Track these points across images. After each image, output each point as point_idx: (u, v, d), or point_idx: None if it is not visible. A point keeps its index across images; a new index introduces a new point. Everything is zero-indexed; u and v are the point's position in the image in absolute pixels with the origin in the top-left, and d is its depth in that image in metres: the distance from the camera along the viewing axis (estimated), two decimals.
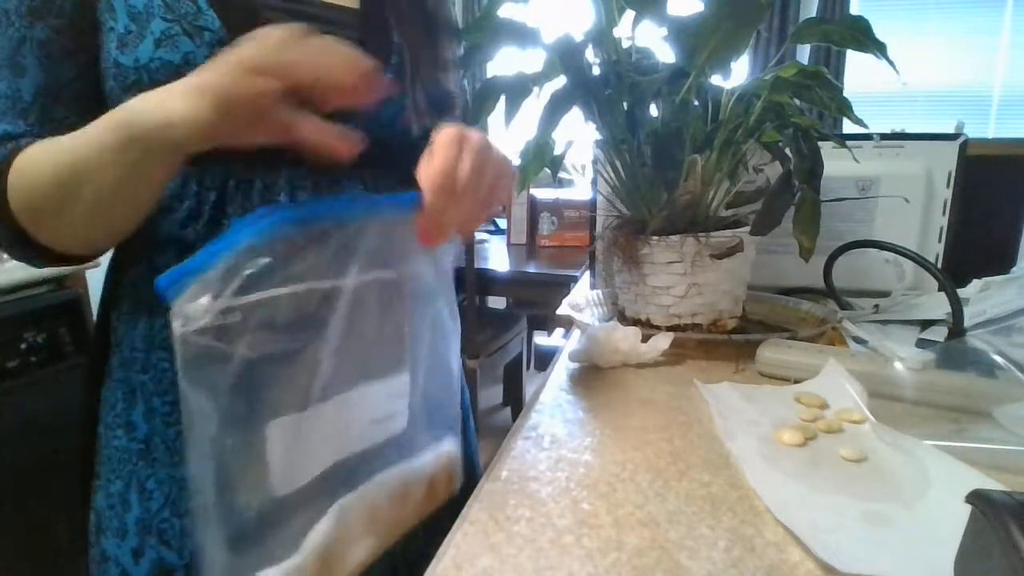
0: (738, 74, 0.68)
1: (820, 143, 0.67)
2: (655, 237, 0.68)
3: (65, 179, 0.45)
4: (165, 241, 0.53)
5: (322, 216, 0.41)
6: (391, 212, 0.46)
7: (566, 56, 0.67)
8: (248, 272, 0.37)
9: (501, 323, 2.29)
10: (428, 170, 0.42)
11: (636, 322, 0.73)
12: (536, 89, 0.70)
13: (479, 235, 2.40)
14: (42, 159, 0.46)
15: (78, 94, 0.51)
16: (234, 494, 0.38)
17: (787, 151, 0.68)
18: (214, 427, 0.38)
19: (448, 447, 0.53)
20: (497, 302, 3.02)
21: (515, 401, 2.62)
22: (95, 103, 0.51)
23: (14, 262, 1.23)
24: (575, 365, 0.67)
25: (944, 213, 0.88)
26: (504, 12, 0.69)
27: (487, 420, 2.67)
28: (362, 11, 0.59)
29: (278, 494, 0.40)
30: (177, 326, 0.37)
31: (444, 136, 0.43)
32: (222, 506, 0.38)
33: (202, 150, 0.42)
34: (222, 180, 0.53)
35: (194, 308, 0.37)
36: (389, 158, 0.63)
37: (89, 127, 0.45)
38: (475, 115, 0.72)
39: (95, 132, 0.44)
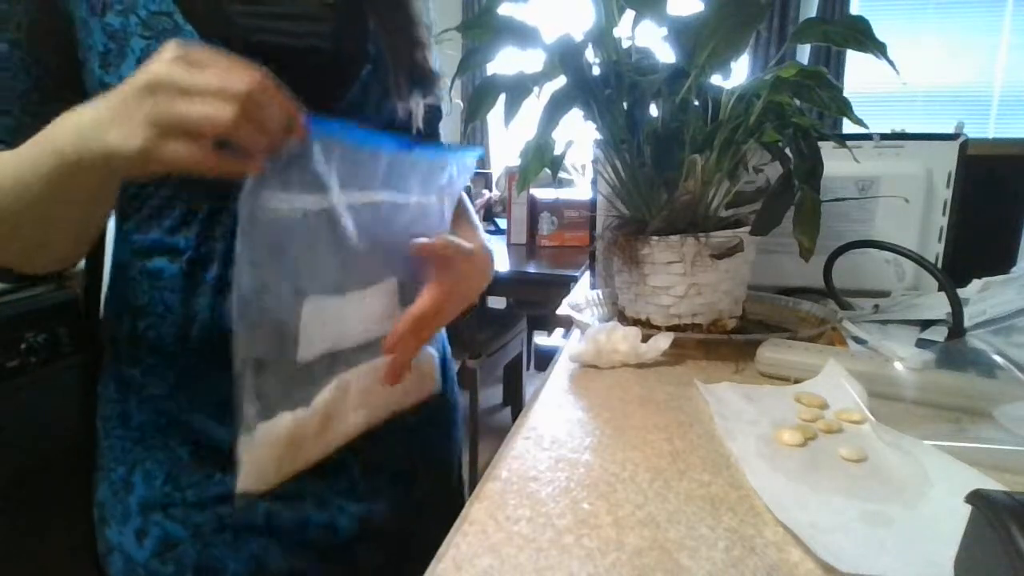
0: (738, 74, 0.68)
1: (820, 143, 0.67)
2: (655, 237, 0.68)
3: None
4: (152, 247, 0.53)
5: (378, 142, 0.51)
6: (427, 155, 0.57)
7: (566, 56, 0.67)
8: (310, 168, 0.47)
9: (501, 323, 2.29)
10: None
11: (636, 322, 0.73)
12: (536, 89, 0.70)
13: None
14: None
15: (26, 107, 0.50)
16: (268, 355, 0.48)
17: (787, 151, 0.68)
18: (265, 295, 0.47)
19: (429, 351, 0.64)
20: (497, 302, 3.02)
21: (515, 401, 2.62)
22: (41, 117, 0.50)
23: None
24: (575, 365, 0.67)
25: (944, 213, 0.88)
26: (503, 11, 0.69)
27: (487, 420, 2.67)
28: (337, 4, 0.58)
29: (300, 360, 0.50)
30: (244, 213, 0.44)
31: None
32: (257, 364, 0.47)
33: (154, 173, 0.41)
34: (218, 189, 0.52)
35: (257, 198, 0.45)
36: None
37: (20, 153, 0.44)
38: (473, 113, 0.72)
39: (28, 161, 0.43)
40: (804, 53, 3.18)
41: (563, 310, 0.79)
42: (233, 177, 0.42)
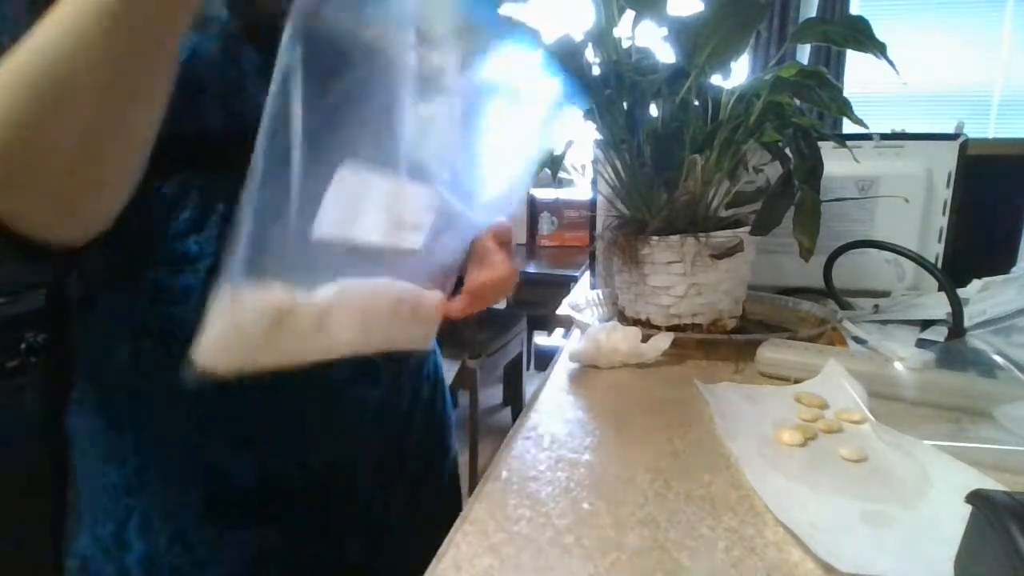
0: (738, 74, 0.68)
1: (820, 143, 0.67)
2: (655, 237, 0.68)
3: (41, 81, 0.34)
4: (157, 254, 0.47)
5: None
6: (526, 56, 0.52)
7: (566, 56, 0.67)
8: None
9: (501, 323, 2.29)
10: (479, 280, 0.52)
11: (636, 322, 0.73)
12: None
13: None
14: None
15: None
16: (285, 212, 0.39)
17: (787, 151, 0.68)
18: (295, 127, 0.38)
19: (435, 295, 0.56)
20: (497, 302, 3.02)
21: (515, 401, 2.62)
22: None
23: None
24: (575, 365, 0.67)
25: (944, 213, 0.88)
26: (503, 11, 0.69)
27: (487, 420, 2.67)
28: None
29: (311, 235, 0.41)
30: (297, 18, 0.36)
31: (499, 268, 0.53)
32: (262, 219, 0.38)
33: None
34: (232, 188, 0.45)
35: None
36: None
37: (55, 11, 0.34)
38: None
39: (75, 8, 0.34)
40: (804, 53, 3.17)
41: (563, 310, 0.79)
42: None
